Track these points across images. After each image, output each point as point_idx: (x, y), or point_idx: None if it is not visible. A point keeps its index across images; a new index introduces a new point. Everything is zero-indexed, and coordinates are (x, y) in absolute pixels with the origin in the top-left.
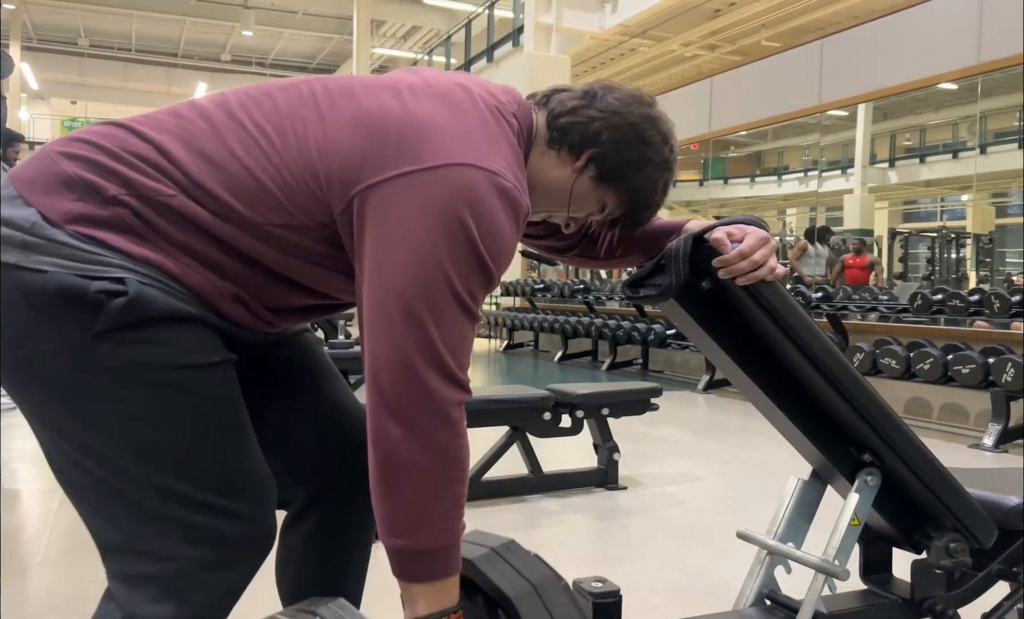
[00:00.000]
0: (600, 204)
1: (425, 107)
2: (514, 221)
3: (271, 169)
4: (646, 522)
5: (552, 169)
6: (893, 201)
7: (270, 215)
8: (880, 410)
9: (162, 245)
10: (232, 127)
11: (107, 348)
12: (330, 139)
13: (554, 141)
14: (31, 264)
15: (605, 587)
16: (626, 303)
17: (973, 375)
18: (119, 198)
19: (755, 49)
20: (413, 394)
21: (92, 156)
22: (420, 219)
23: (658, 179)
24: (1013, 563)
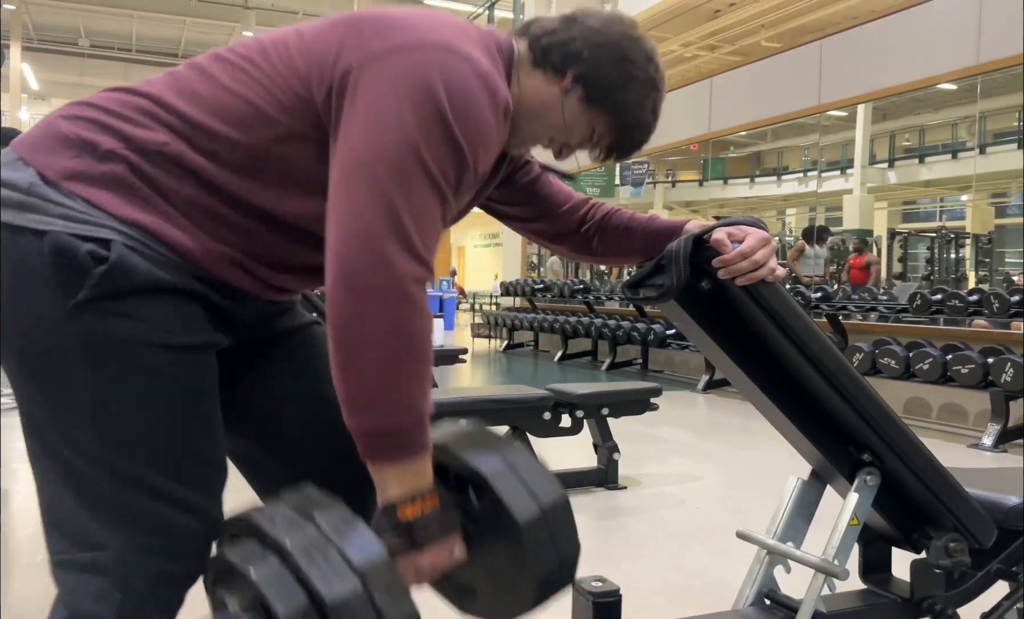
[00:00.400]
0: (590, 128)
1: (402, 9)
2: (492, 108)
3: (255, 86)
4: (646, 522)
5: (541, 91)
6: (892, 201)
7: (261, 131)
8: (879, 410)
9: (157, 204)
10: (219, 65)
11: (86, 318)
12: (307, 43)
13: (537, 62)
14: (28, 223)
15: (605, 587)
16: (626, 303)
17: (972, 375)
18: (115, 152)
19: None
20: (372, 263)
21: (90, 115)
22: (391, 91)
23: (645, 97)
24: (1012, 563)
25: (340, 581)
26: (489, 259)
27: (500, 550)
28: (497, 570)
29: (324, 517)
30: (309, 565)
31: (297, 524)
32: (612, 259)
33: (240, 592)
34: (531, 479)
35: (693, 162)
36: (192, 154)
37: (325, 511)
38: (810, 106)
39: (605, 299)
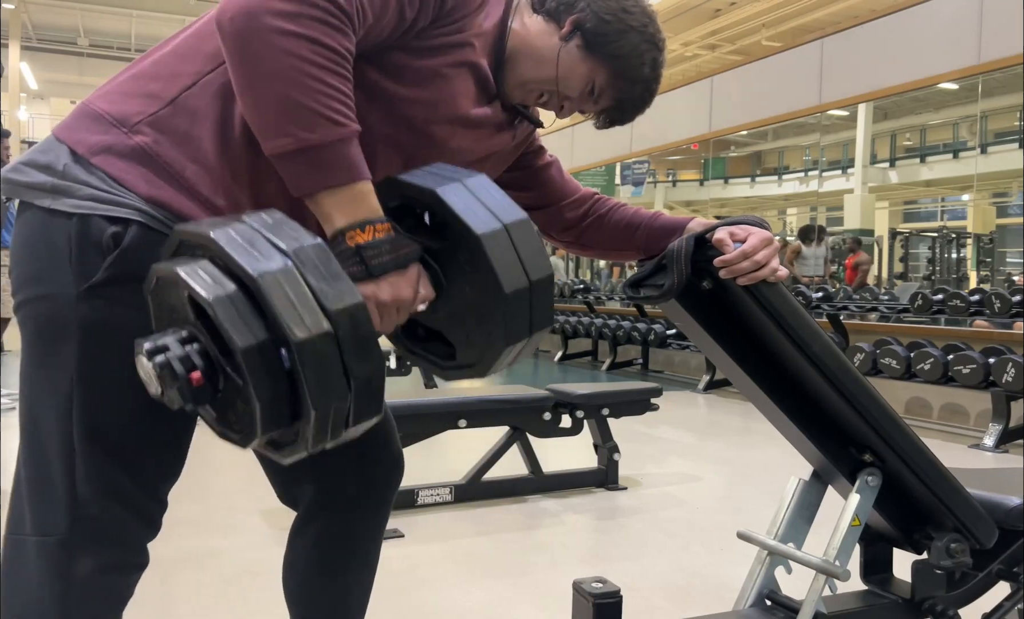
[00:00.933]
0: (589, 81)
1: None
2: None
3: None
4: (646, 522)
5: (540, 35)
6: (894, 201)
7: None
8: (881, 410)
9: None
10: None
11: (95, 302)
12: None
13: (536, 6)
14: (60, 207)
15: (605, 587)
16: (626, 303)
17: (973, 375)
18: (144, 121)
19: (755, 49)
20: None
21: (118, 89)
22: None
23: (644, 51)
24: (1013, 563)
25: (267, 260)
26: None
27: (466, 281)
28: (468, 308)
29: (255, 217)
30: (234, 251)
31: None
32: (613, 254)
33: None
34: (489, 199)
35: (694, 161)
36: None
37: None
38: (811, 105)
39: (605, 299)
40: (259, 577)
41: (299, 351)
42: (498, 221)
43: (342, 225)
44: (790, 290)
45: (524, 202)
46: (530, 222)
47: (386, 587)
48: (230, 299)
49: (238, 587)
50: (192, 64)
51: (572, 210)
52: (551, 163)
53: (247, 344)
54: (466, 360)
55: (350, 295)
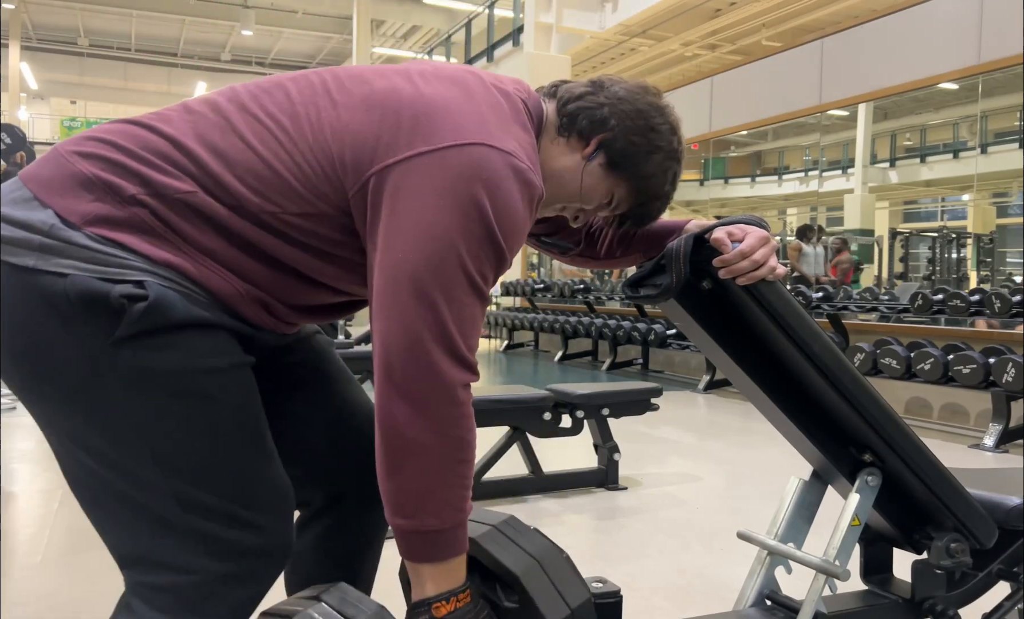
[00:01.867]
0: (609, 195)
1: (437, 89)
2: (528, 202)
3: (285, 157)
4: (646, 522)
5: (562, 157)
6: (894, 201)
7: (286, 204)
8: (881, 410)
9: (182, 247)
10: (245, 119)
11: (127, 354)
12: (343, 122)
13: (563, 128)
14: (50, 267)
15: (605, 587)
16: (626, 303)
17: (974, 375)
18: (138, 198)
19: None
20: (421, 372)
21: (109, 154)
22: (433, 198)
23: (667, 168)
24: (1013, 563)
25: None
26: None
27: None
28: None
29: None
30: None
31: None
32: (616, 262)
33: None
34: (560, 580)
35: (694, 161)
36: (216, 205)
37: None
38: (811, 105)
39: (605, 299)
40: None
41: None
42: (567, 607)
43: (431, 595)
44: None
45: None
46: (591, 603)
47: (386, 587)
48: None
49: None
50: None
51: (576, 233)
52: None
53: None
54: None
55: None
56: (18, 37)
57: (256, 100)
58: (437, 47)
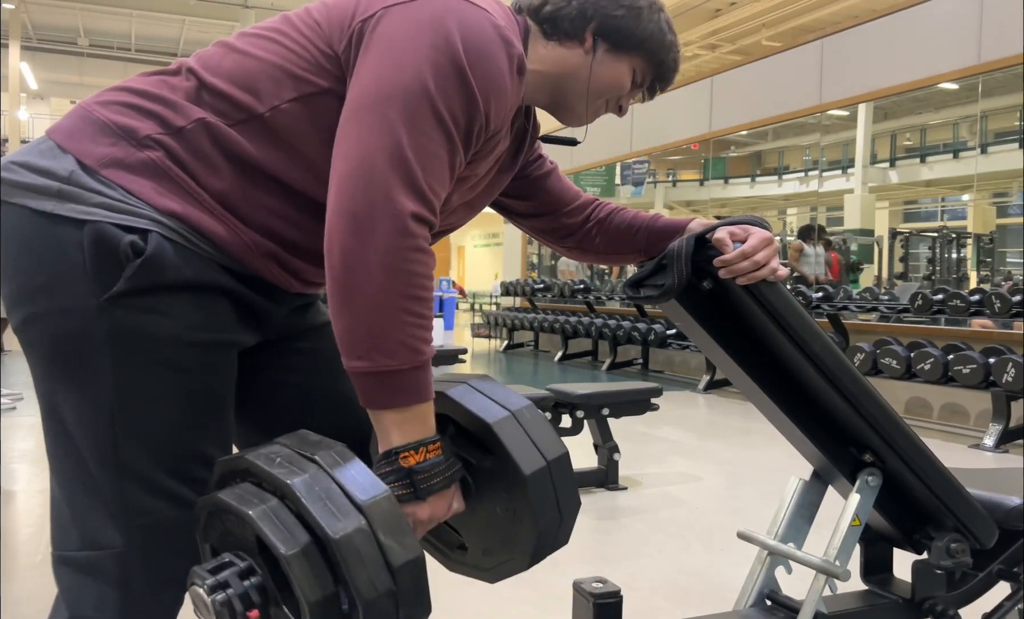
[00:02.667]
0: (630, 71)
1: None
2: (507, 57)
3: (282, 51)
4: (646, 522)
5: (567, 58)
6: (894, 201)
7: (287, 92)
8: (881, 410)
9: (195, 193)
10: (244, 40)
11: (118, 312)
12: (328, 6)
13: (549, 34)
14: (67, 213)
15: (606, 587)
16: (626, 303)
17: (974, 375)
18: (153, 137)
19: (755, 49)
20: (372, 198)
21: (126, 99)
22: (405, 32)
23: (658, 19)
24: (1014, 563)
25: (344, 519)
26: (489, 259)
27: (500, 504)
28: (493, 525)
29: (324, 456)
30: (312, 503)
31: (297, 463)
32: (614, 258)
33: (236, 535)
34: (536, 432)
35: (694, 161)
36: (226, 128)
37: (324, 450)
38: (811, 105)
39: (605, 299)
40: None
41: (365, 611)
42: (543, 459)
43: (398, 444)
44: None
45: (525, 210)
46: (568, 456)
47: None
48: (304, 553)
49: None
50: None
51: (572, 217)
52: (551, 171)
53: (316, 598)
54: (476, 563)
55: (412, 549)
56: (18, 37)
57: (258, 26)
58: None
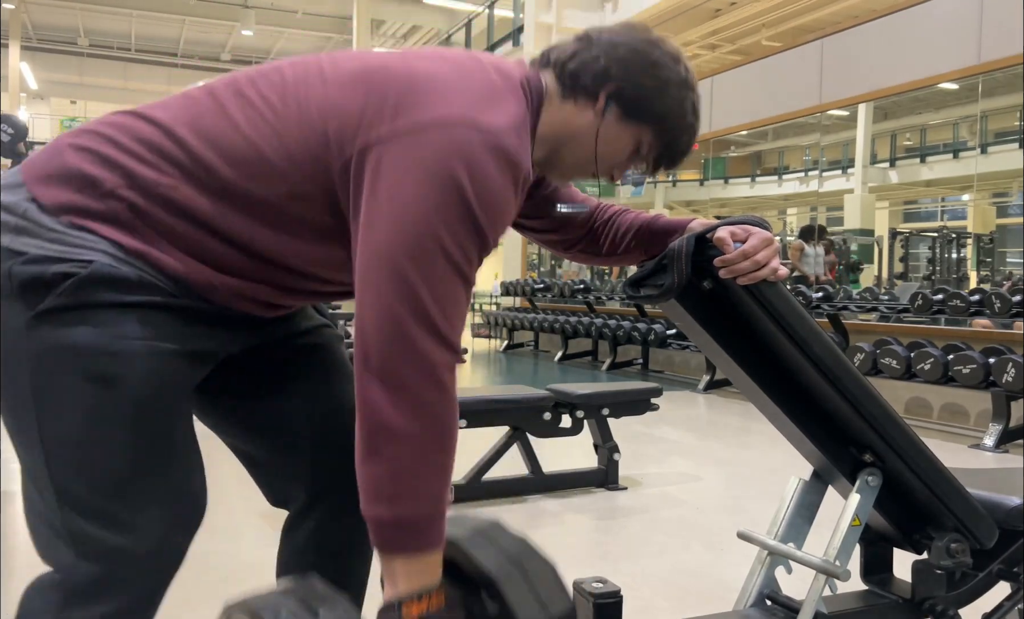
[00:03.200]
0: (635, 143)
1: (428, 65)
2: (512, 183)
3: (272, 138)
4: (646, 522)
5: (574, 119)
6: (894, 201)
7: (273, 185)
8: (881, 410)
9: (158, 240)
10: (238, 102)
11: (45, 330)
12: (330, 98)
13: (567, 91)
14: (20, 247)
15: (606, 587)
16: (626, 303)
17: (974, 375)
18: (116, 192)
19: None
20: (401, 354)
21: (97, 147)
22: (412, 176)
23: (683, 98)
24: (1014, 563)
25: None
26: (489, 259)
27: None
28: None
29: (327, 614)
30: None
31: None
32: (617, 259)
33: None
34: (542, 587)
35: (694, 161)
36: (198, 197)
37: (329, 608)
38: (811, 105)
39: (605, 299)
40: (259, 577)
41: None
42: (547, 613)
43: (404, 593)
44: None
45: (538, 227)
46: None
47: None
48: None
49: (238, 587)
50: None
51: (580, 227)
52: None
53: None
54: None
55: None
56: (18, 37)
57: (252, 84)
58: None
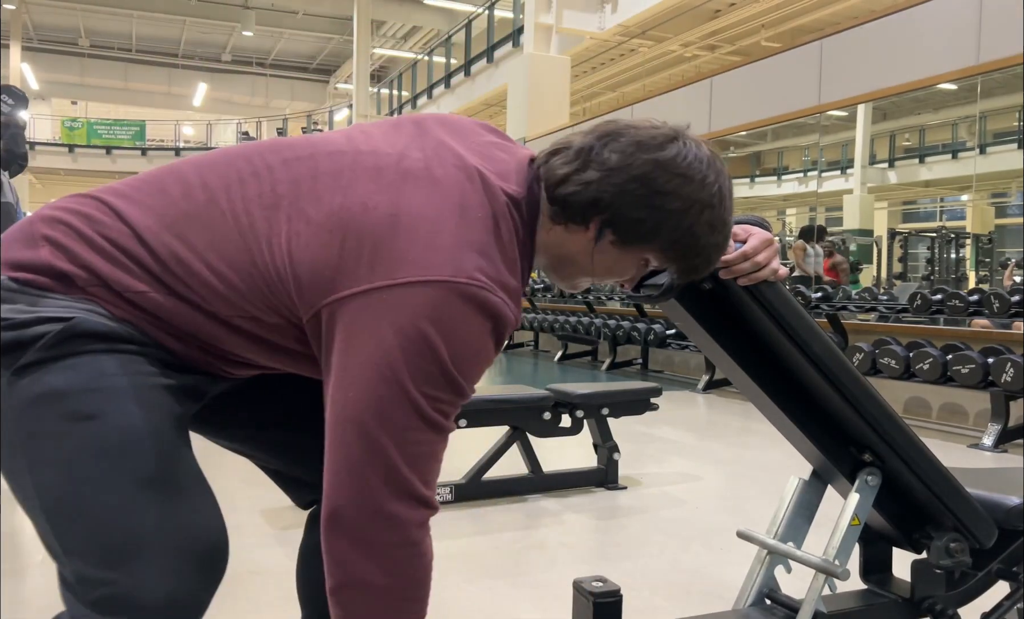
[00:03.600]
0: (640, 262)
1: (413, 202)
2: (492, 333)
3: (244, 266)
4: (646, 522)
5: (568, 242)
6: (893, 201)
7: (243, 308)
8: (881, 410)
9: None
10: (210, 214)
11: (25, 382)
12: (303, 241)
13: (556, 216)
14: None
15: (605, 587)
16: (626, 303)
17: (972, 375)
18: (88, 289)
19: (755, 49)
20: (370, 516)
21: (68, 244)
22: (384, 338)
23: (694, 222)
24: (1013, 563)
25: None
26: None
27: None
28: None
29: None
30: None
31: None
32: None
33: None
34: None
35: None
36: (166, 302)
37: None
38: (810, 106)
39: (605, 299)
40: (259, 577)
41: None
42: None
43: None
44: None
45: None
46: None
47: None
48: None
49: (238, 587)
50: None
51: None
52: None
53: None
54: None
55: None
56: (19, 37)
57: (227, 191)
58: (437, 48)
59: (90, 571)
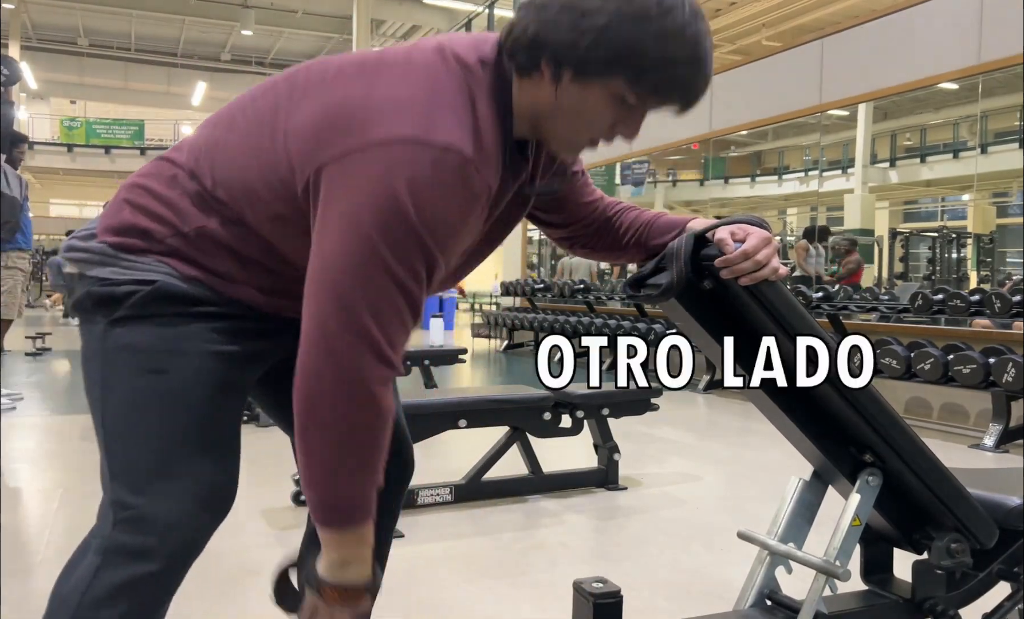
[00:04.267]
0: (611, 98)
1: (388, 80)
2: (464, 195)
3: (262, 168)
4: (646, 522)
5: (535, 96)
6: (894, 201)
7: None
8: (881, 410)
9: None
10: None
11: (115, 334)
12: (295, 126)
13: (516, 70)
14: (96, 274)
15: (606, 587)
16: (626, 303)
17: (974, 375)
18: (166, 240)
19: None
20: (336, 371)
21: (144, 203)
22: (356, 199)
23: (636, 35)
24: (1014, 563)
25: None
26: (489, 259)
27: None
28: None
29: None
30: None
31: None
32: (619, 256)
33: None
34: None
35: (694, 161)
36: (222, 229)
37: None
38: (811, 105)
39: (605, 299)
40: (259, 577)
41: None
42: None
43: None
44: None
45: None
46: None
47: (386, 587)
48: None
49: (238, 587)
50: None
51: (591, 224)
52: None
53: None
54: None
55: None
56: (18, 37)
57: (254, 105)
58: None
59: (124, 496)
